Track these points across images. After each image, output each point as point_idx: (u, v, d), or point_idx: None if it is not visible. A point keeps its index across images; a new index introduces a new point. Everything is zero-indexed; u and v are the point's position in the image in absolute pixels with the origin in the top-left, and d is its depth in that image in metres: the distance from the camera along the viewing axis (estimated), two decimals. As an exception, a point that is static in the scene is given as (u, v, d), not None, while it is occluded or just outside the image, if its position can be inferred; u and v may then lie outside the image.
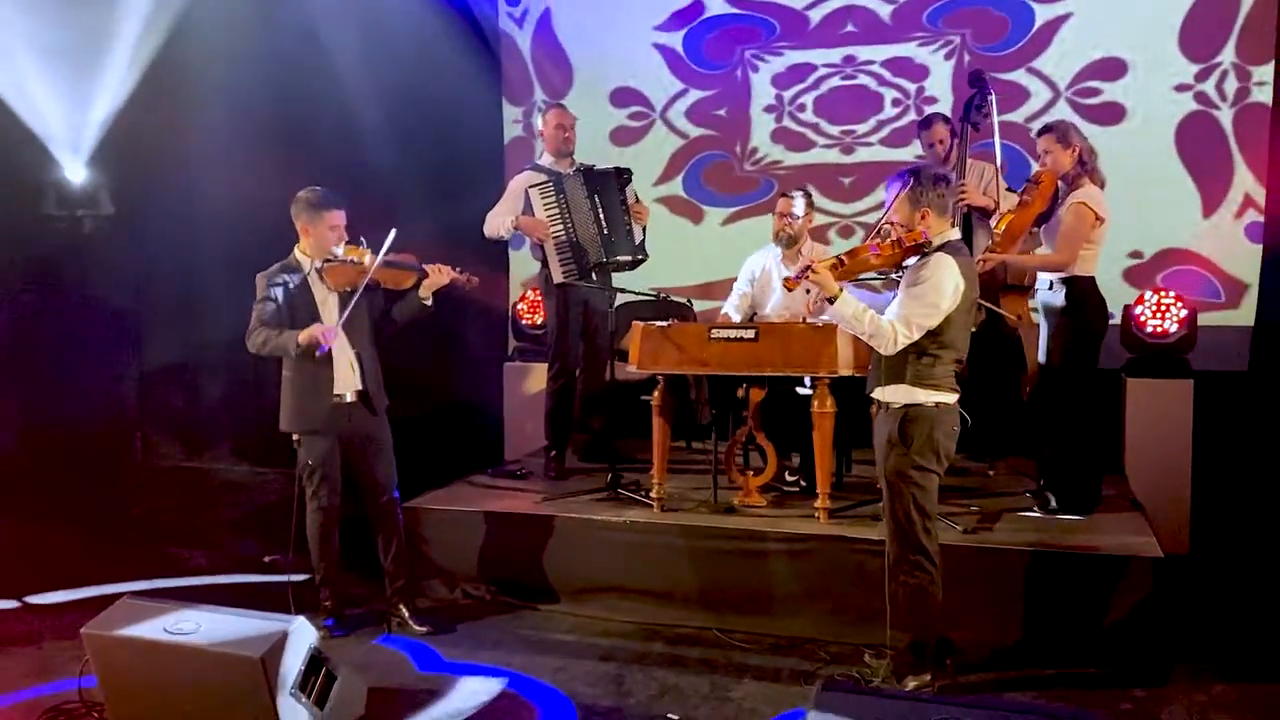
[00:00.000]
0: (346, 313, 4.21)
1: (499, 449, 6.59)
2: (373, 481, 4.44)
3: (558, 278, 5.37)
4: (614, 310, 5.27)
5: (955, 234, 3.64)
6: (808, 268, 3.59)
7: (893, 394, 3.62)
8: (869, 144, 6.67)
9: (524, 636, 4.43)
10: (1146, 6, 6.09)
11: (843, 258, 3.65)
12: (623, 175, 5.53)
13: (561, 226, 5.35)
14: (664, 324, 4.71)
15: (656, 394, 4.76)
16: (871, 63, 6.62)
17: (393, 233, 4.21)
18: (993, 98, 5.06)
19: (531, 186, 5.39)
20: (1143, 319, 5.58)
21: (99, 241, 6.48)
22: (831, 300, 3.58)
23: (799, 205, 5.17)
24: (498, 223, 5.45)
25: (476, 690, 3.89)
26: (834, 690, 2.80)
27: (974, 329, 3.94)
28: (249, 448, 7.36)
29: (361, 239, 4.31)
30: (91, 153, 6.32)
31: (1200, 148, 6.03)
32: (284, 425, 4.35)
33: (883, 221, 3.68)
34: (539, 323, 6.64)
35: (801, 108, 6.76)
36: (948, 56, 6.46)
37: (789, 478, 5.11)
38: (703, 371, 4.68)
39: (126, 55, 6.06)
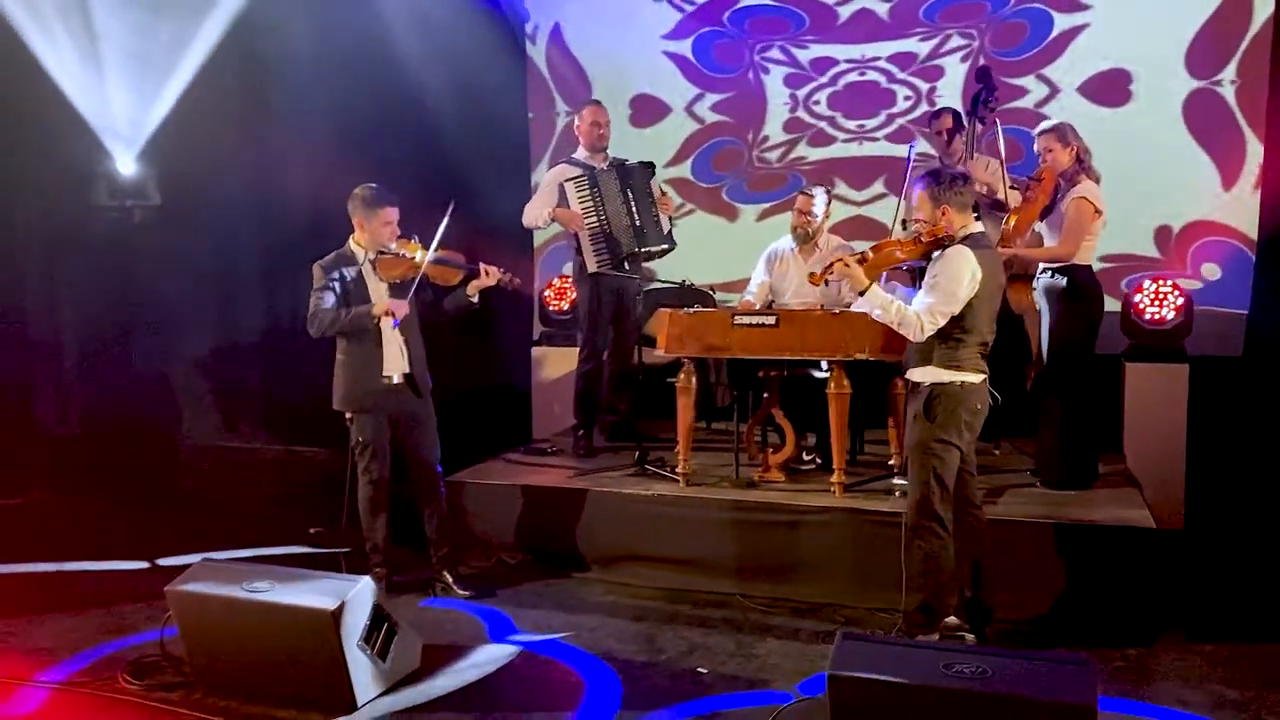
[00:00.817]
0: (411, 292, 4.53)
1: (527, 428, 6.93)
2: (418, 457, 4.76)
3: (592, 267, 5.69)
4: (641, 297, 5.58)
5: (978, 226, 3.95)
6: (833, 264, 3.91)
7: (921, 374, 3.97)
8: (875, 139, 6.95)
9: (560, 600, 4.76)
10: (1157, 24, 6.27)
11: (868, 252, 3.98)
12: (649, 168, 5.85)
13: (595, 218, 5.66)
14: (690, 311, 5.02)
15: (682, 376, 5.08)
16: (877, 59, 6.87)
17: (442, 227, 4.52)
18: (998, 94, 5.39)
19: (567, 180, 5.71)
20: (1141, 306, 5.87)
21: (147, 231, 6.79)
22: (861, 292, 3.91)
23: (819, 203, 5.42)
24: (535, 213, 5.79)
25: (519, 646, 4.22)
26: (853, 639, 3.12)
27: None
28: (286, 427, 7.72)
29: (415, 236, 4.62)
30: (144, 146, 6.63)
31: (1208, 123, 6.20)
32: (337, 404, 4.67)
33: (911, 218, 4.00)
34: (565, 309, 6.97)
35: (815, 103, 7.04)
36: (964, 59, 6.72)
37: (805, 456, 5.42)
38: (726, 355, 4.99)
39: (192, 56, 6.37)
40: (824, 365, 5.24)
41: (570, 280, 6.55)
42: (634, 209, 5.66)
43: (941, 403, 3.93)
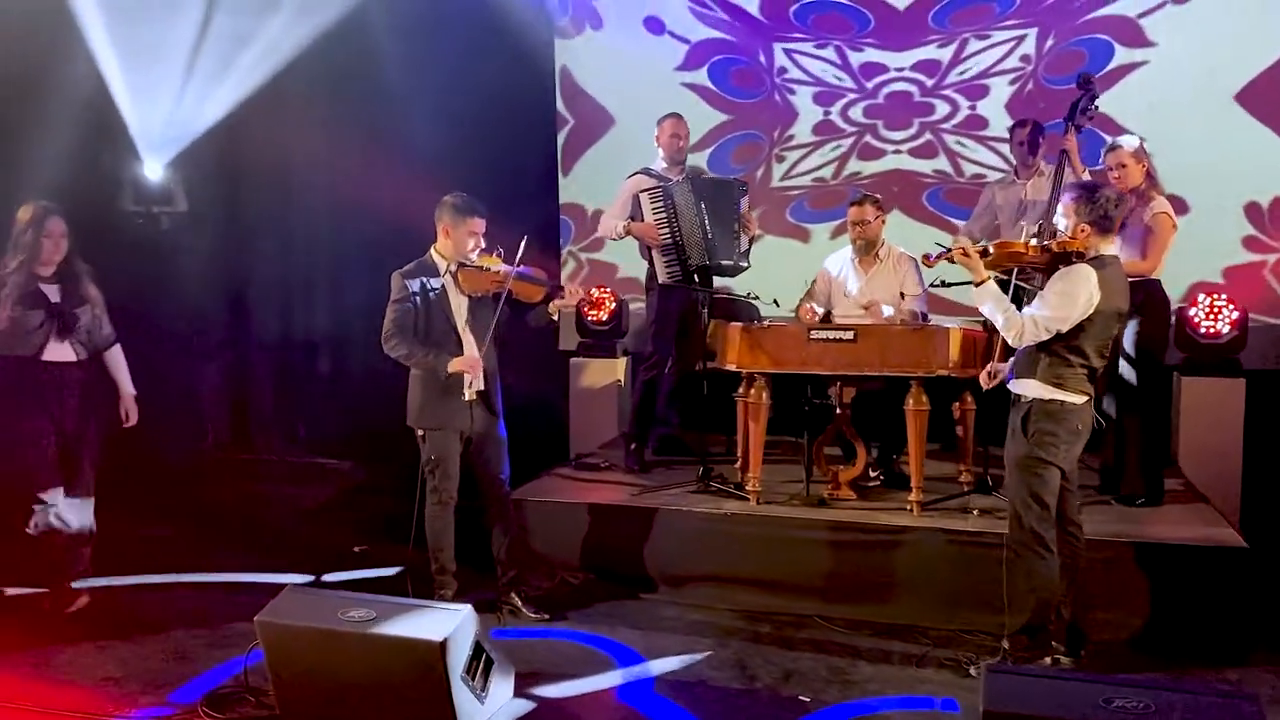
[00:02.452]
0: (490, 332, 4.42)
1: (563, 441, 6.79)
2: (489, 476, 4.61)
3: (661, 278, 5.61)
4: (706, 311, 5.44)
5: (1111, 249, 3.87)
6: (947, 251, 3.85)
7: (1023, 387, 3.90)
8: (899, 152, 6.93)
9: (636, 622, 4.62)
10: (1210, 73, 6.30)
11: (990, 246, 3.92)
12: (738, 187, 5.75)
13: (668, 230, 5.55)
14: (762, 324, 4.92)
15: (753, 391, 4.97)
16: (905, 68, 6.84)
17: (524, 240, 4.39)
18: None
19: (642, 191, 5.61)
20: (1196, 320, 5.86)
21: (174, 238, 6.58)
22: (977, 285, 3.86)
23: (869, 211, 5.37)
24: (610, 224, 5.73)
25: (613, 673, 4.09)
26: (1000, 673, 3.03)
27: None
28: (308, 440, 7.53)
29: (498, 249, 4.48)
30: (178, 153, 6.43)
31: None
32: (411, 421, 4.52)
33: (1048, 224, 3.93)
34: (604, 319, 6.85)
35: (849, 115, 7.00)
36: (1012, 82, 6.69)
37: (872, 473, 5.34)
38: (801, 371, 4.89)
39: (239, 67, 6.21)
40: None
41: (602, 289, 6.48)
42: (707, 223, 5.54)
43: (1039, 420, 3.86)
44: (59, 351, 4.59)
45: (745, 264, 5.77)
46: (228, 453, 7.33)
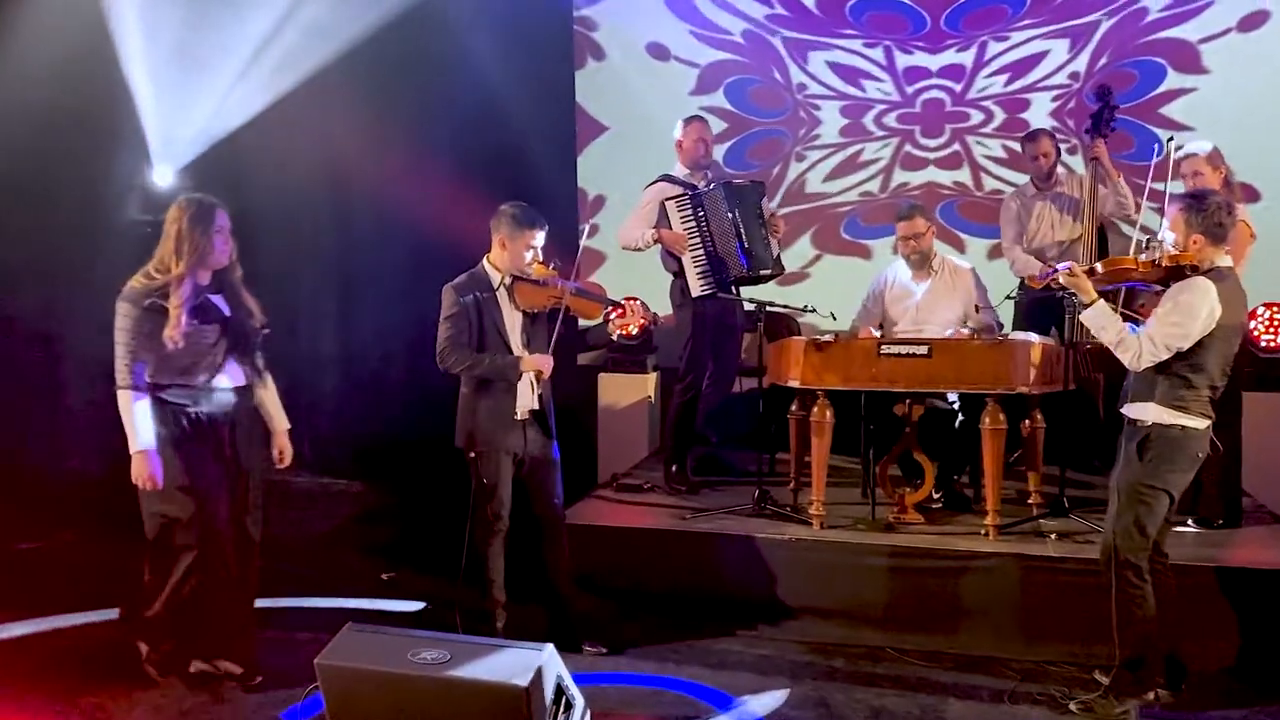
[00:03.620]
0: (555, 327, 4.12)
1: (591, 461, 6.50)
2: (544, 501, 4.33)
3: (696, 290, 5.31)
4: (762, 325, 5.16)
5: (1226, 261, 3.66)
6: (1054, 272, 3.62)
7: (1140, 411, 3.67)
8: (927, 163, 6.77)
9: (703, 657, 4.33)
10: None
11: (1098, 265, 3.70)
12: (760, 189, 5.53)
13: (699, 239, 5.29)
14: (828, 339, 4.68)
15: (816, 409, 4.72)
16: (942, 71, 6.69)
17: (579, 252, 4.15)
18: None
19: (668, 199, 5.33)
20: (1255, 333, 5.68)
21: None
22: (1087, 306, 3.64)
23: (920, 224, 5.14)
24: (635, 235, 5.39)
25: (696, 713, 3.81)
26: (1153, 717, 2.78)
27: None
28: (313, 459, 7.17)
29: (554, 261, 4.22)
30: (191, 160, 6.10)
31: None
32: (461, 443, 4.23)
33: (1161, 236, 3.71)
34: (634, 333, 6.58)
35: (881, 122, 6.80)
36: (1055, 99, 6.55)
37: (934, 494, 5.09)
38: (872, 388, 4.64)
39: (261, 73, 5.92)
40: (950, 397, 4.97)
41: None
42: (742, 230, 5.30)
43: (1157, 446, 3.64)
44: (229, 376, 3.89)
45: (780, 269, 5.55)
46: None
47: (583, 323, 6.56)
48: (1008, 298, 5.08)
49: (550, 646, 3.30)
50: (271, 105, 6.17)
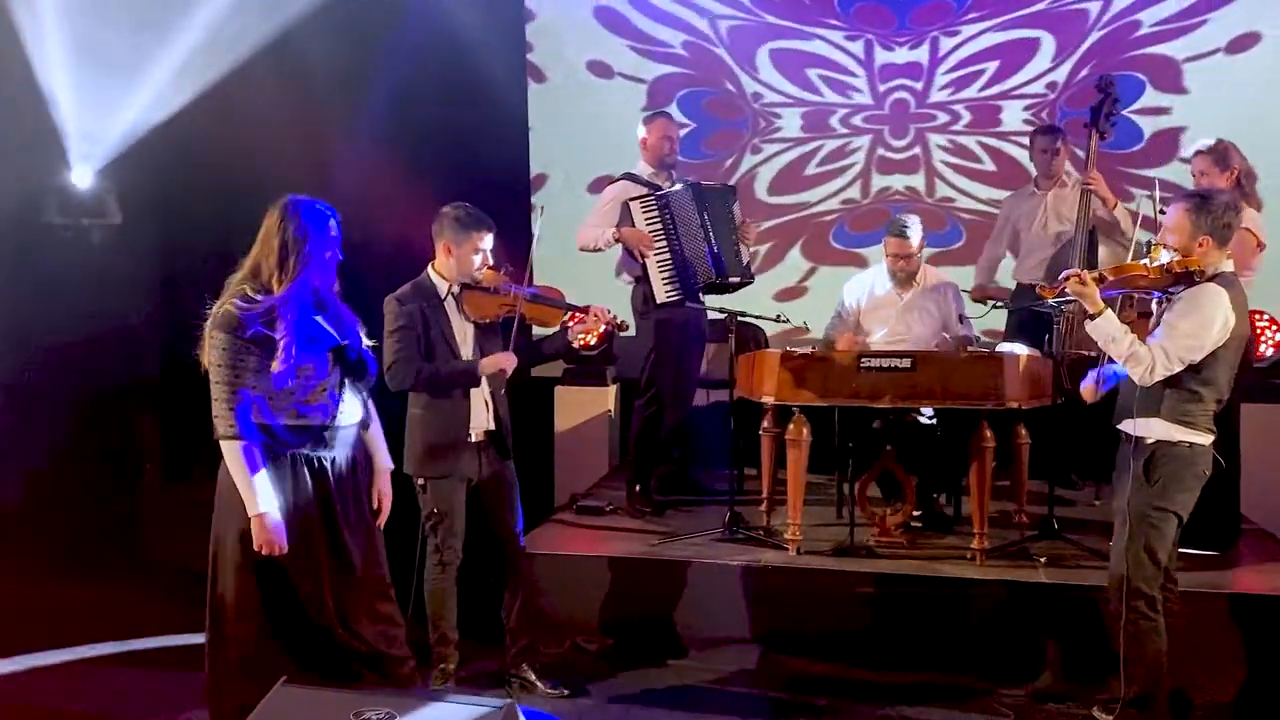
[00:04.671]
0: (512, 336, 3.77)
1: (548, 480, 6.14)
2: (501, 529, 3.97)
3: (661, 297, 4.97)
4: (733, 336, 4.83)
5: (1229, 265, 3.42)
6: (1067, 278, 3.34)
7: (1145, 428, 3.40)
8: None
9: (675, 699, 3.99)
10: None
11: (1106, 274, 3.42)
12: (732, 193, 5.23)
13: (665, 243, 4.96)
14: (806, 351, 4.37)
15: (793, 426, 4.41)
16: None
17: (532, 255, 3.80)
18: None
19: (632, 199, 4.99)
20: (1243, 343, 5.47)
21: (107, 253, 5.79)
22: (1093, 316, 3.37)
23: (914, 237, 4.84)
24: (595, 234, 5.04)
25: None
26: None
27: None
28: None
29: (505, 266, 3.88)
30: (113, 159, 5.65)
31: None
32: (410, 468, 3.84)
33: (1159, 240, 3.44)
34: (592, 344, 6.23)
35: (850, 123, 6.55)
36: (1027, 108, 6.35)
37: (914, 514, 4.81)
38: (851, 403, 4.33)
39: (184, 67, 5.48)
40: (927, 411, 4.69)
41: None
42: (711, 235, 4.98)
43: (1165, 465, 3.38)
44: (345, 411, 3.21)
45: (752, 278, 5.25)
46: (167, 491, 6.52)
47: (538, 331, 6.22)
48: (995, 307, 4.83)
49: (511, 703, 2.93)
50: (197, 100, 5.72)
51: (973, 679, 4.04)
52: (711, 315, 5.13)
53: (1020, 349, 4.38)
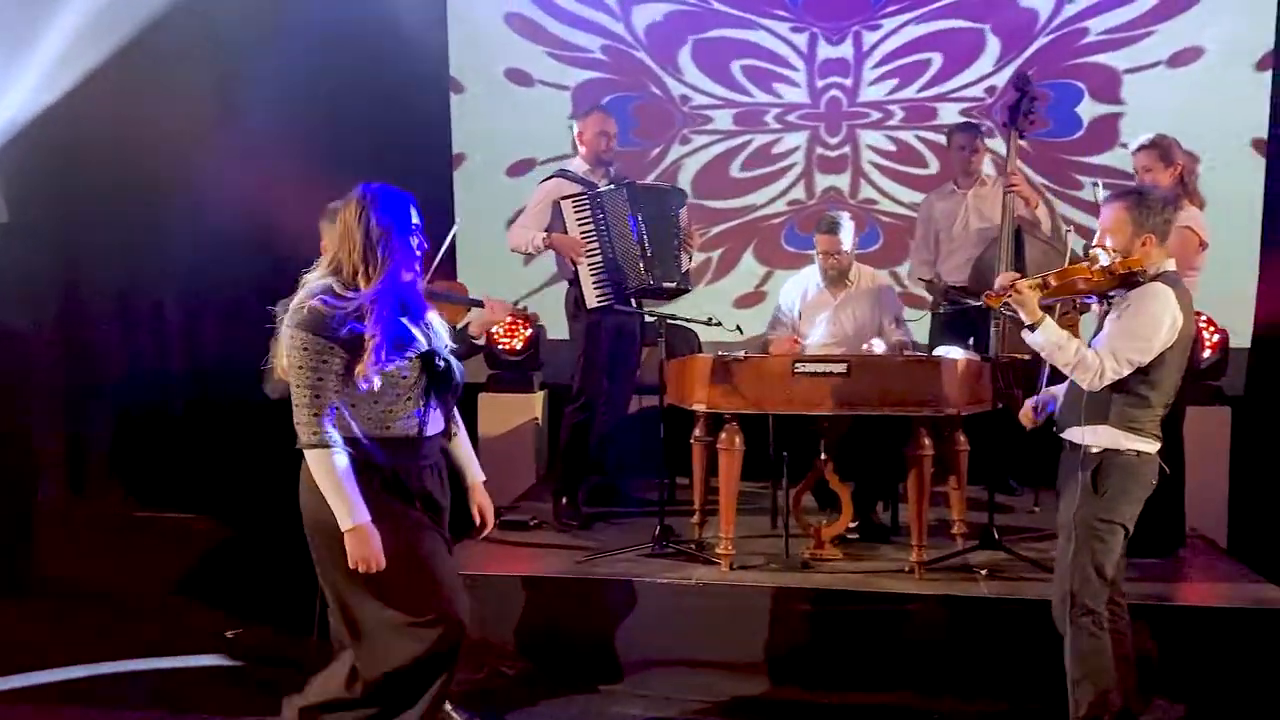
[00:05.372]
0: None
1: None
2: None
3: (591, 301, 4.74)
4: (664, 341, 4.60)
5: (1171, 264, 3.27)
6: (1012, 286, 3.16)
7: (1091, 436, 3.23)
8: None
9: (597, 725, 3.77)
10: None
11: (1048, 279, 3.23)
12: (680, 195, 5.03)
13: (597, 244, 4.72)
14: (738, 356, 4.16)
15: (724, 436, 4.19)
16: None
17: (441, 252, 3.55)
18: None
19: (564, 198, 4.74)
20: (1176, 345, 5.38)
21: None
22: (1032, 326, 3.19)
23: (846, 235, 4.71)
24: (525, 237, 4.81)
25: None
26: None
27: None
28: (153, 489, 6.36)
29: None
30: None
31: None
32: None
33: (1096, 243, 3.27)
34: (518, 349, 5.98)
35: (786, 121, 6.37)
36: (963, 111, 6.21)
37: (850, 524, 4.62)
38: (785, 411, 4.13)
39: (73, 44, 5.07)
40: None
41: (522, 312, 5.60)
42: (645, 236, 4.75)
43: (1114, 475, 3.21)
44: (432, 422, 2.94)
45: (688, 286, 5.05)
46: (63, 506, 6.12)
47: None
48: (932, 310, 4.67)
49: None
50: (89, 79, 5.32)
51: (911, 697, 3.86)
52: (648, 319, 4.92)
53: (958, 352, 4.22)
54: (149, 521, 6.20)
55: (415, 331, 2.85)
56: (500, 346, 5.98)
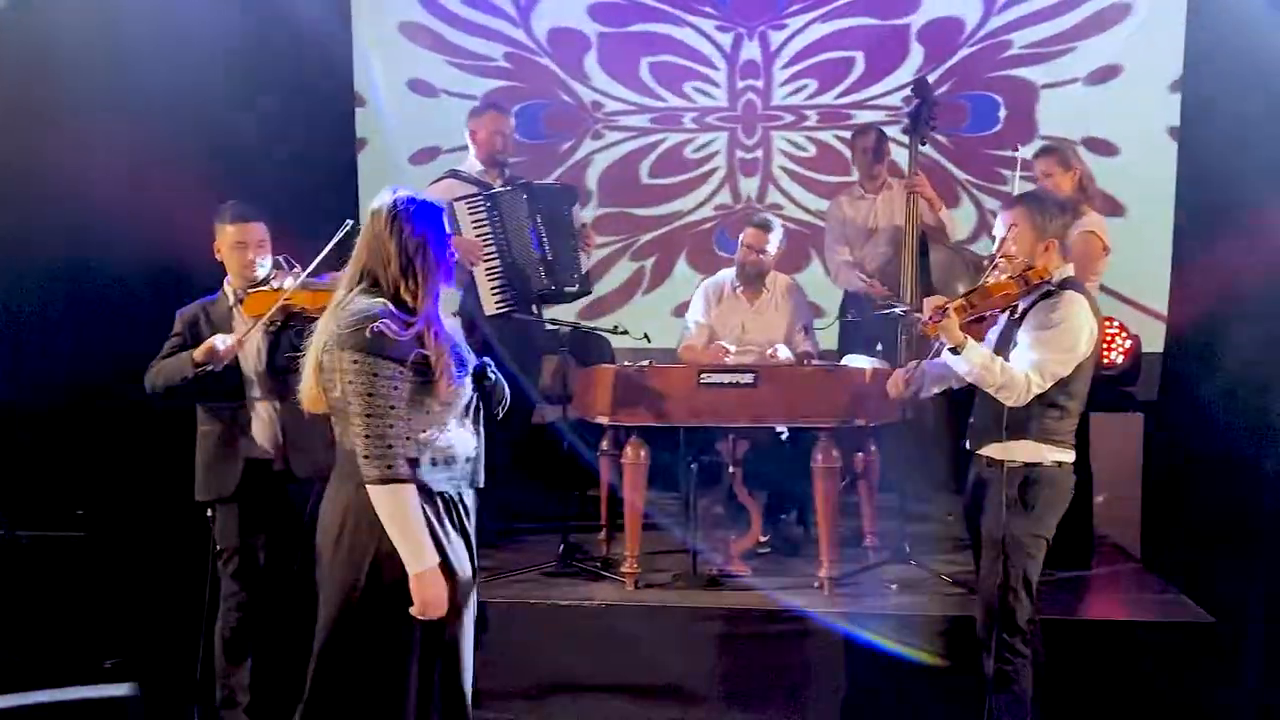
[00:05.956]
0: (250, 330, 3.35)
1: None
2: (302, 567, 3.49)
3: (490, 308, 4.54)
4: (568, 349, 4.40)
5: (1070, 270, 3.17)
6: (944, 309, 3.02)
7: (1013, 450, 3.12)
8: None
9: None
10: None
11: (972, 299, 3.10)
12: (571, 194, 4.84)
13: (495, 248, 4.53)
14: (643, 367, 4.00)
15: (629, 449, 4.02)
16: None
17: (329, 246, 3.36)
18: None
19: (458, 200, 4.53)
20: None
21: None
22: (956, 349, 3.05)
23: (775, 238, 4.60)
24: None
25: None
26: None
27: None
28: (46, 506, 5.98)
29: (285, 256, 3.50)
30: None
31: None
32: (197, 492, 3.48)
33: (997, 251, 3.15)
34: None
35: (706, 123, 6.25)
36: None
37: (761, 538, 4.49)
38: (691, 423, 3.97)
39: None
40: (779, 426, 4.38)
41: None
42: (545, 239, 4.57)
43: (1040, 488, 3.11)
44: (477, 441, 2.72)
45: (589, 288, 4.91)
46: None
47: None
48: (839, 319, 4.57)
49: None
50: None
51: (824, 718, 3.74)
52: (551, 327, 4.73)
53: (866, 361, 4.11)
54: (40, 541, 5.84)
55: (465, 348, 2.68)
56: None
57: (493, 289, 4.54)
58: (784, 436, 4.35)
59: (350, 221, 3.50)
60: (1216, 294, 5.43)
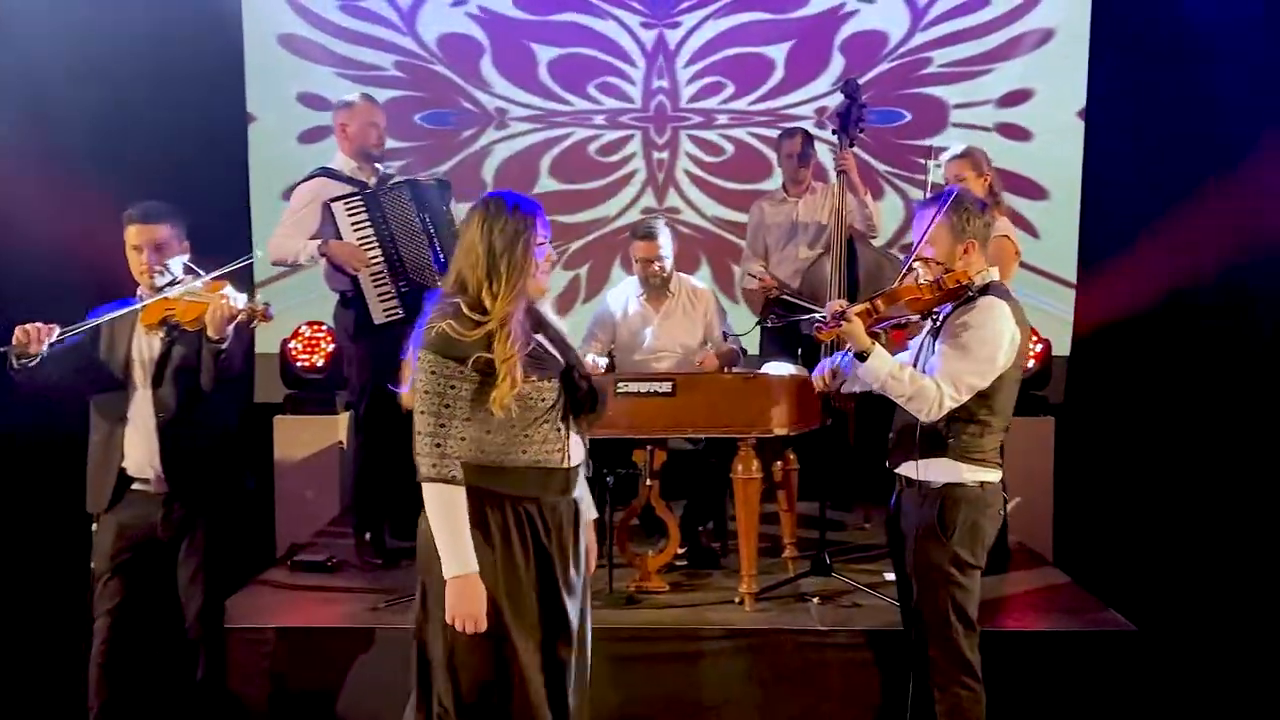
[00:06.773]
0: (75, 333, 3.08)
1: (268, 528, 5.25)
2: (179, 597, 3.27)
3: (379, 317, 4.24)
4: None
5: (995, 273, 3.02)
6: (841, 315, 2.85)
7: (931, 470, 2.92)
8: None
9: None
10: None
11: (877, 303, 2.93)
12: (444, 189, 4.55)
13: (381, 252, 4.25)
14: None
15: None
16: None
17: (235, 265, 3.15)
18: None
19: (334, 201, 4.23)
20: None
21: None
22: (862, 356, 2.86)
23: (664, 242, 4.46)
24: (291, 247, 4.25)
25: None
26: None
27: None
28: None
29: (191, 265, 3.22)
30: None
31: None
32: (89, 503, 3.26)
33: (914, 257, 2.99)
34: (319, 365, 5.44)
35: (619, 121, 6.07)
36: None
37: (678, 551, 4.32)
38: (610, 434, 3.76)
39: None
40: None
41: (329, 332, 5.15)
42: (435, 240, 4.32)
43: (961, 511, 2.89)
44: (573, 451, 2.58)
45: None
46: None
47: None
48: (758, 324, 4.45)
49: None
50: None
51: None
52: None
53: (786, 368, 3.98)
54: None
55: (551, 350, 2.56)
56: (299, 363, 5.43)
57: (380, 296, 4.26)
58: (699, 445, 4.23)
59: (259, 253, 3.36)
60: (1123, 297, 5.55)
